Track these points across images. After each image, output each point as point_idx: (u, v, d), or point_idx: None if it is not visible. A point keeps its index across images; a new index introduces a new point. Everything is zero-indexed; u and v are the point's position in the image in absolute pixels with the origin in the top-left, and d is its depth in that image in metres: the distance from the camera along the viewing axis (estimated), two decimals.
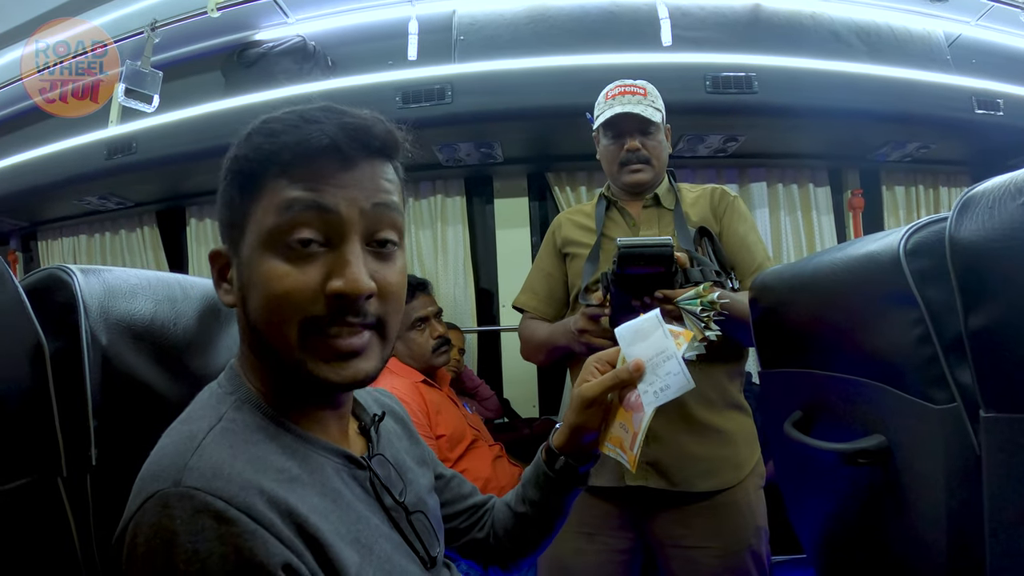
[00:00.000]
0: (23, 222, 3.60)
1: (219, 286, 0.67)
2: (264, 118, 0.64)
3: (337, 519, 0.60)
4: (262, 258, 0.60)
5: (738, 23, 2.79)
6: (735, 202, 1.57)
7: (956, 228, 0.58)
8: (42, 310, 0.68)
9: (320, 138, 0.59)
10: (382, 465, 0.73)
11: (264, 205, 0.60)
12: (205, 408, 0.63)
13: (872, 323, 0.75)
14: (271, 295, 0.59)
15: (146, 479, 0.55)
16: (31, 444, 0.65)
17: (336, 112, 0.62)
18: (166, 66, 2.74)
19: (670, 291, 1.16)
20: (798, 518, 1.12)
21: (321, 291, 0.59)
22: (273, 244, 0.59)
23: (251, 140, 0.62)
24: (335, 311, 0.59)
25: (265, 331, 0.61)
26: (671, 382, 0.77)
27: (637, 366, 0.80)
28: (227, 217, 0.65)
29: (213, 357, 0.87)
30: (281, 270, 0.59)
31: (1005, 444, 0.55)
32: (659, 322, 0.81)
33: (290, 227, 0.59)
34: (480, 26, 2.76)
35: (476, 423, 2.29)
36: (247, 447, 0.58)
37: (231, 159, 0.64)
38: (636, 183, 1.53)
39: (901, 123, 2.71)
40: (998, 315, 0.54)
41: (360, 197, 0.61)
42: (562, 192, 3.05)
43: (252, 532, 0.51)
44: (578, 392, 0.83)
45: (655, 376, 0.79)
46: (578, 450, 0.85)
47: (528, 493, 0.89)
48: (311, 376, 0.61)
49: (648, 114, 1.49)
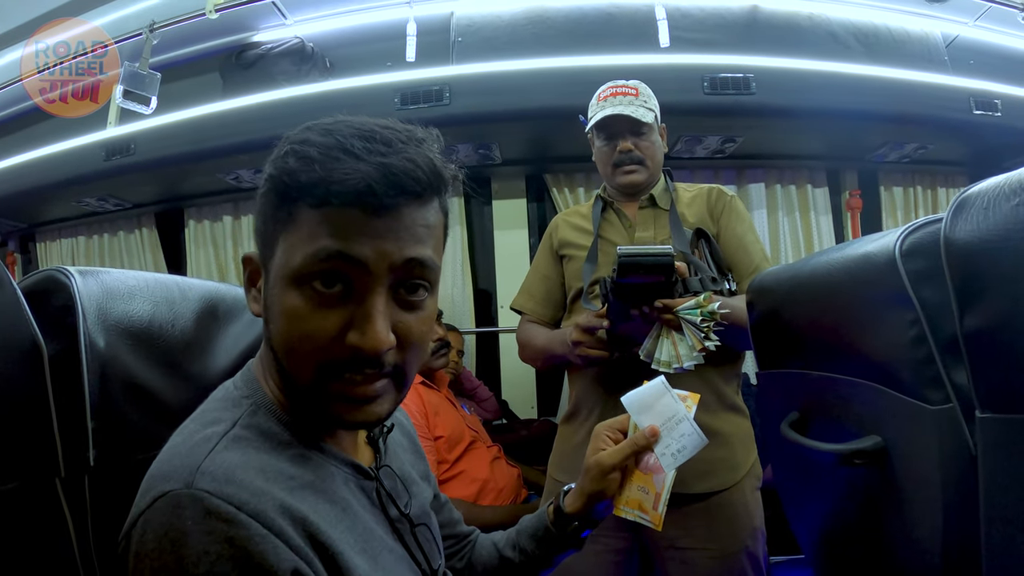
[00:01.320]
0: (21, 223, 3.61)
1: (248, 291, 0.66)
2: (303, 136, 0.59)
3: (346, 528, 0.60)
4: (286, 291, 0.58)
5: (736, 24, 2.79)
6: (732, 202, 1.57)
7: (951, 229, 0.58)
8: (40, 312, 0.69)
9: (357, 181, 0.55)
10: (389, 476, 0.73)
11: (293, 239, 0.58)
12: (220, 410, 0.63)
13: (868, 324, 0.75)
14: (291, 333, 0.58)
15: (157, 477, 0.54)
16: (29, 445, 0.65)
17: (380, 144, 0.57)
18: (164, 67, 2.74)
19: (670, 300, 1.16)
20: (796, 519, 1.12)
21: (340, 339, 0.57)
22: (298, 282, 0.57)
23: (287, 161, 0.58)
24: (353, 361, 0.58)
25: (284, 359, 0.61)
26: (687, 443, 0.82)
27: (653, 432, 0.85)
28: (261, 228, 0.62)
29: (211, 359, 0.87)
30: (303, 310, 0.57)
31: (1000, 444, 0.55)
32: (665, 388, 0.86)
33: (315, 272, 0.57)
34: (478, 27, 2.76)
35: (475, 424, 2.29)
36: (260, 454, 0.58)
37: (268, 174, 0.60)
38: (630, 184, 1.53)
39: (899, 124, 2.72)
40: (993, 316, 0.55)
41: (392, 250, 0.57)
42: (560, 193, 3.05)
43: (263, 536, 0.51)
44: (596, 461, 0.86)
45: (670, 439, 0.84)
46: (589, 515, 0.88)
47: (523, 543, 0.90)
48: (324, 411, 0.61)
49: (639, 115, 1.48)
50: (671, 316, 1.17)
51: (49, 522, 0.67)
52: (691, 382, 1.38)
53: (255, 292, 0.65)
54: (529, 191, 3.14)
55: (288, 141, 0.60)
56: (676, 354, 1.19)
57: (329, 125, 0.59)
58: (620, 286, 1.16)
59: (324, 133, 0.58)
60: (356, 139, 0.57)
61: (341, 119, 0.61)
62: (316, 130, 0.59)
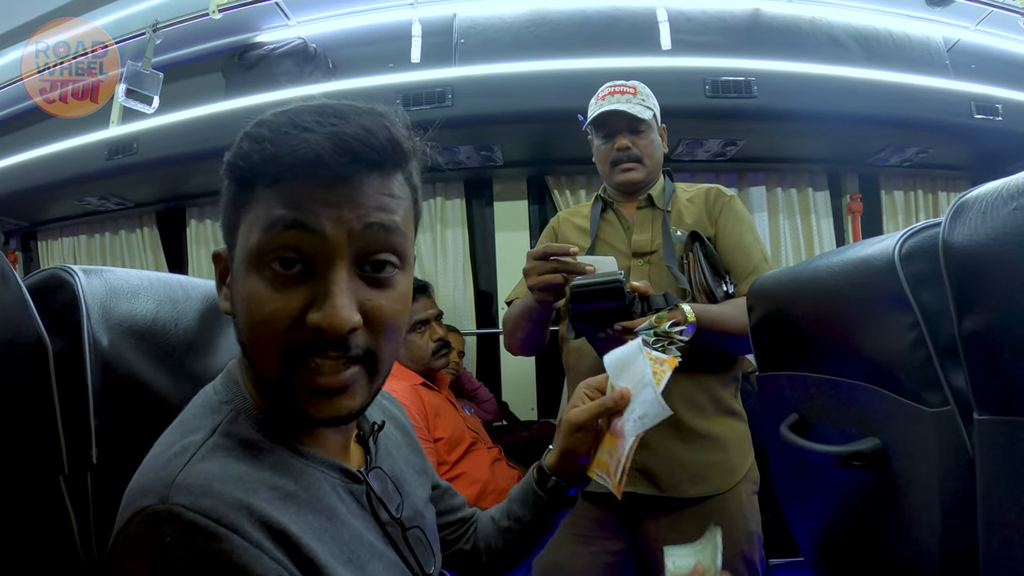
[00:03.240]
0: (23, 222, 3.61)
1: (219, 290, 0.64)
2: (256, 120, 0.58)
3: (331, 539, 0.58)
4: (247, 276, 0.56)
5: (738, 27, 2.80)
6: (731, 202, 1.55)
7: (949, 233, 0.58)
8: (44, 310, 0.69)
9: (305, 151, 0.54)
10: (379, 479, 0.71)
11: (251, 219, 0.56)
12: (199, 418, 0.61)
13: (868, 327, 0.75)
14: (253, 319, 0.56)
15: (135, 492, 0.53)
16: (33, 442, 0.66)
17: (332, 116, 0.56)
18: (167, 67, 2.75)
19: (628, 323, 1.16)
20: (795, 521, 1.12)
21: (301, 320, 0.55)
22: (257, 264, 0.55)
23: (242, 145, 0.57)
24: (316, 342, 0.55)
25: (250, 352, 0.59)
26: (648, 410, 0.78)
27: (622, 395, 0.81)
28: (225, 222, 0.61)
29: (214, 358, 0.87)
30: (263, 294, 0.55)
31: (998, 446, 0.56)
32: (640, 350, 0.83)
33: (272, 248, 0.55)
34: (481, 29, 2.77)
35: (475, 426, 2.29)
36: (239, 464, 0.55)
37: (225, 163, 0.60)
38: (627, 182, 1.53)
39: (900, 128, 2.72)
40: (991, 319, 0.55)
41: (350, 217, 0.55)
42: (561, 195, 3.06)
43: (245, 548, 0.49)
44: (567, 417, 0.85)
45: (636, 403, 0.80)
46: (570, 472, 0.86)
47: (514, 509, 0.90)
48: (294, 405, 0.58)
49: (636, 111, 1.48)
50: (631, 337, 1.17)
51: (52, 519, 0.67)
52: (687, 385, 1.39)
53: (225, 290, 0.62)
54: (531, 193, 3.15)
55: (241, 132, 0.59)
56: None
57: (283, 107, 0.59)
58: (580, 313, 1.19)
59: (277, 115, 0.58)
60: (308, 114, 0.56)
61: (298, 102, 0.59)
62: (270, 113, 0.58)
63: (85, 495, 0.70)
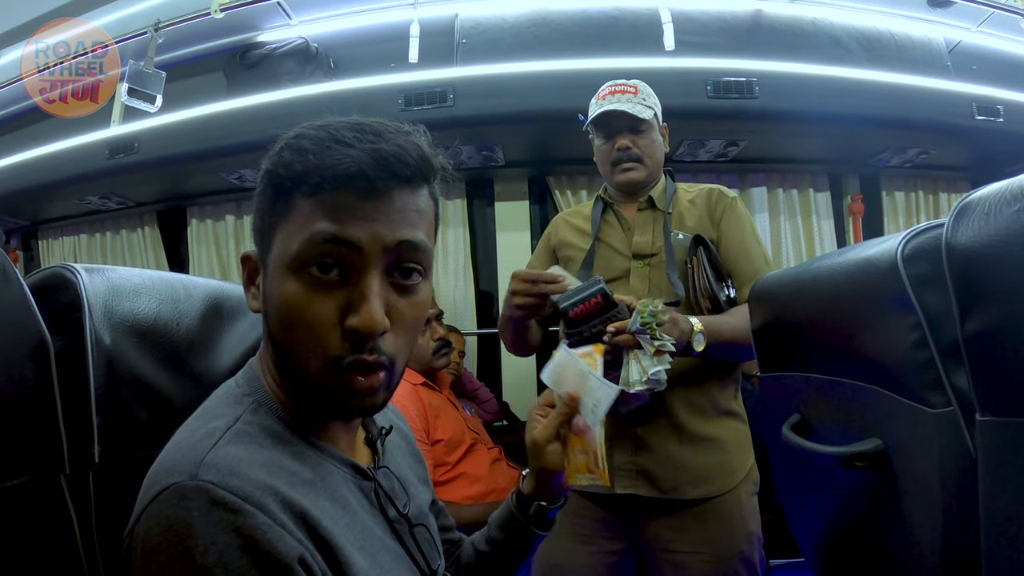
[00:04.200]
0: (24, 221, 3.62)
1: (247, 289, 0.67)
2: (297, 132, 0.62)
3: (346, 526, 0.60)
4: (284, 280, 0.60)
5: (740, 28, 2.80)
6: (733, 203, 1.54)
7: (952, 234, 0.58)
8: (46, 308, 0.69)
9: (348, 165, 0.58)
10: (387, 477, 0.73)
11: (290, 227, 0.60)
12: (222, 407, 0.63)
13: (870, 327, 0.75)
14: (292, 322, 0.60)
15: (160, 473, 0.55)
16: (35, 441, 0.66)
17: (370, 134, 0.60)
18: (169, 66, 2.75)
19: (619, 324, 1.17)
20: (796, 521, 1.12)
21: (339, 324, 0.59)
22: (295, 269, 0.59)
23: (282, 155, 0.61)
24: (352, 345, 0.60)
25: (288, 351, 0.62)
26: (599, 396, 0.82)
27: (571, 397, 0.86)
28: (258, 225, 0.64)
29: (216, 357, 0.87)
30: (302, 298, 0.59)
31: (1000, 447, 0.56)
32: (567, 353, 0.88)
33: (312, 256, 0.58)
34: (482, 29, 2.77)
35: (476, 426, 2.29)
36: (262, 450, 0.58)
37: (264, 170, 0.63)
38: (628, 182, 1.52)
39: (901, 129, 2.72)
40: (993, 320, 0.55)
41: (384, 232, 0.59)
42: (563, 195, 3.06)
43: (269, 525, 0.51)
44: (531, 440, 0.87)
45: (586, 397, 0.85)
46: (548, 493, 0.88)
47: (493, 533, 0.91)
48: (325, 402, 0.63)
49: (637, 111, 1.47)
50: (628, 336, 1.17)
51: (54, 518, 0.67)
52: (687, 388, 1.39)
53: (254, 290, 0.66)
54: (532, 193, 3.15)
55: (283, 139, 0.62)
56: (642, 368, 1.18)
57: (322, 122, 0.62)
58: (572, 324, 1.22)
59: (317, 128, 0.61)
60: (347, 130, 0.60)
61: (333, 118, 0.63)
62: (309, 127, 0.62)
63: (87, 495, 0.70)
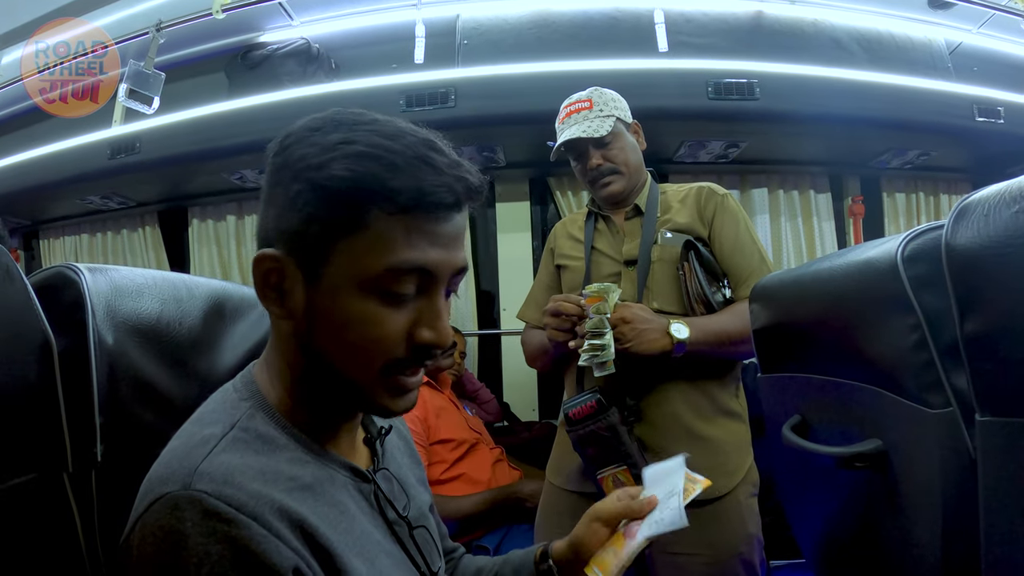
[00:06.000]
0: (25, 221, 3.62)
1: (264, 293, 0.61)
2: (359, 139, 0.57)
3: (345, 531, 0.60)
4: (352, 296, 0.58)
5: (740, 30, 2.81)
6: (724, 201, 1.50)
7: (952, 235, 0.58)
8: (50, 308, 0.69)
9: (446, 194, 0.58)
10: (386, 479, 0.73)
11: (363, 245, 0.57)
12: (218, 412, 0.62)
13: (870, 328, 0.76)
14: (363, 337, 0.59)
15: (155, 481, 0.54)
16: (38, 439, 0.66)
17: (445, 156, 0.60)
18: (170, 67, 2.76)
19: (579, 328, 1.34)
20: (797, 522, 1.12)
21: (406, 336, 0.60)
22: (371, 287, 0.58)
23: (352, 167, 0.56)
24: (417, 355, 0.61)
25: (340, 363, 0.60)
26: (667, 516, 0.81)
27: (650, 501, 0.84)
28: (301, 229, 0.58)
29: (218, 357, 0.87)
30: (377, 315, 0.58)
31: (999, 447, 0.56)
32: (681, 466, 0.88)
33: (394, 282, 0.58)
34: (484, 31, 2.77)
35: (477, 426, 2.29)
36: (258, 457, 0.57)
37: (326, 176, 0.56)
38: (610, 195, 1.51)
39: (902, 130, 2.72)
40: (993, 321, 0.55)
41: (454, 257, 0.61)
42: (563, 197, 3.06)
43: (264, 536, 0.51)
44: (593, 507, 0.87)
45: (658, 511, 0.83)
46: (572, 568, 0.86)
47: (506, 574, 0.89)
48: (375, 405, 0.63)
49: (593, 129, 1.46)
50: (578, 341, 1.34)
51: (56, 517, 0.68)
52: (686, 387, 1.39)
53: (272, 294, 0.61)
54: (532, 194, 3.15)
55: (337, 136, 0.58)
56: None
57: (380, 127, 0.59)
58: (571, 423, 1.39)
59: (388, 137, 0.58)
60: (423, 147, 0.58)
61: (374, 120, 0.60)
62: (372, 133, 0.58)
63: (89, 493, 0.70)
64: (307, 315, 0.60)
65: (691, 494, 0.82)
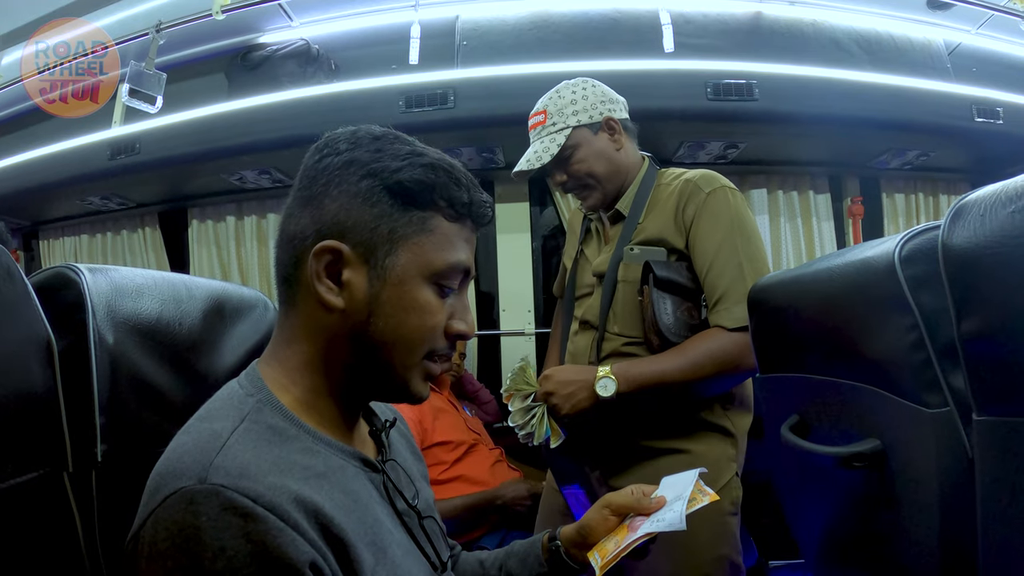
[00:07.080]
0: (25, 221, 3.62)
1: (321, 281, 0.65)
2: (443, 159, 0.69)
3: (358, 519, 0.60)
4: (420, 287, 0.66)
5: (739, 31, 2.80)
6: (707, 201, 1.33)
7: (949, 235, 0.59)
8: (50, 308, 0.69)
9: (486, 211, 0.71)
10: (394, 469, 0.74)
11: (430, 243, 0.66)
12: (226, 408, 0.63)
13: (868, 328, 0.76)
14: (422, 324, 0.66)
15: (167, 476, 0.54)
16: (39, 439, 0.66)
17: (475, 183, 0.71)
18: (170, 67, 2.75)
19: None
20: (795, 522, 1.12)
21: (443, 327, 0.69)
22: (432, 280, 0.67)
23: (431, 176, 0.66)
24: (451, 343, 0.70)
25: (391, 347, 0.66)
26: (669, 517, 0.84)
27: (659, 500, 0.88)
28: (370, 222, 0.65)
29: (217, 357, 0.88)
30: (435, 305, 0.67)
31: (996, 446, 0.56)
32: (695, 478, 0.91)
33: (449, 277, 0.68)
34: (483, 31, 2.77)
35: (476, 426, 2.29)
36: (271, 448, 0.58)
37: (398, 180, 0.65)
38: (589, 208, 1.50)
39: (901, 131, 2.72)
40: (990, 320, 0.55)
41: (472, 261, 0.71)
42: (563, 197, 3.06)
43: (280, 530, 0.51)
44: (607, 495, 0.90)
45: (663, 512, 0.87)
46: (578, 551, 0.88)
47: (511, 565, 0.91)
48: (407, 390, 0.69)
49: (544, 148, 1.39)
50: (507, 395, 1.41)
51: (57, 516, 0.68)
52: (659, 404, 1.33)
53: (331, 284, 0.65)
54: (532, 195, 3.14)
55: (415, 154, 0.67)
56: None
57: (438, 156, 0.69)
58: None
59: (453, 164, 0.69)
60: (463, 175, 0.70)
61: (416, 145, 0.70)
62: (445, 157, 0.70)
63: (90, 493, 0.70)
64: (369, 303, 0.65)
65: (696, 503, 0.86)
